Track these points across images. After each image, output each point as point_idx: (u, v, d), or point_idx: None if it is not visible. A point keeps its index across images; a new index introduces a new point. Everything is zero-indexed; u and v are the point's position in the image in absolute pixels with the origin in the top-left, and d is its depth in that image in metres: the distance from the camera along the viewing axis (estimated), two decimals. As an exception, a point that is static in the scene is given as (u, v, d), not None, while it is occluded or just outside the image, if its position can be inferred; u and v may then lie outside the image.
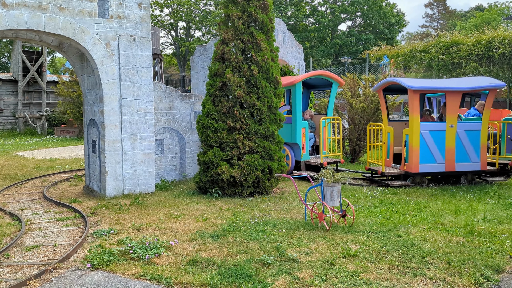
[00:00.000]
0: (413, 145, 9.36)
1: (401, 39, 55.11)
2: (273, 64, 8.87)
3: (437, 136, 9.50)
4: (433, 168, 9.53)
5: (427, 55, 16.70)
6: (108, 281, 4.59)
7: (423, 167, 9.48)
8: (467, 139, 9.57)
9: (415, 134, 9.38)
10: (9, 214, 7.45)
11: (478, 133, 9.61)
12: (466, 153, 9.58)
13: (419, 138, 9.39)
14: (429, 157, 9.49)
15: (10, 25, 7.48)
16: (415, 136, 9.37)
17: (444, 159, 9.50)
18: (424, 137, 9.45)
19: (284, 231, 6.18)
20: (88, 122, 9.59)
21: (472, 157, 9.61)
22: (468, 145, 9.58)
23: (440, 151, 9.51)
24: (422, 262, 4.96)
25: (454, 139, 9.44)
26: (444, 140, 9.51)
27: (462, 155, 9.56)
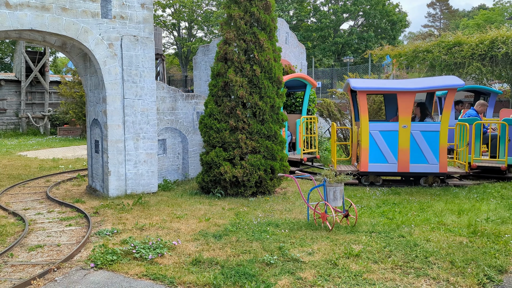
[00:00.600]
0: (362, 144, 9.42)
1: (403, 39, 55.04)
2: (275, 64, 8.87)
3: (388, 136, 9.47)
4: (384, 168, 9.51)
5: (430, 55, 16.67)
6: (112, 280, 4.61)
7: (372, 166, 9.52)
8: (424, 140, 9.40)
9: (364, 133, 9.44)
10: (12, 213, 7.48)
11: (436, 134, 9.39)
12: (423, 154, 9.43)
13: (368, 137, 9.44)
14: (380, 157, 9.51)
15: (13, 25, 7.51)
16: (364, 136, 9.44)
17: (397, 159, 9.43)
18: (374, 137, 9.48)
19: (287, 231, 6.19)
20: (91, 122, 9.61)
21: (429, 158, 9.42)
22: (425, 146, 9.40)
23: (392, 152, 9.47)
24: (425, 262, 4.96)
25: (408, 139, 9.33)
26: (396, 140, 9.43)
27: (418, 156, 9.40)
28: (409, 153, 9.36)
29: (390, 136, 9.45)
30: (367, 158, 9.50)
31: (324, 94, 27.88)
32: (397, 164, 9.46)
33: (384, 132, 9.48)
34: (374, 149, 9.50)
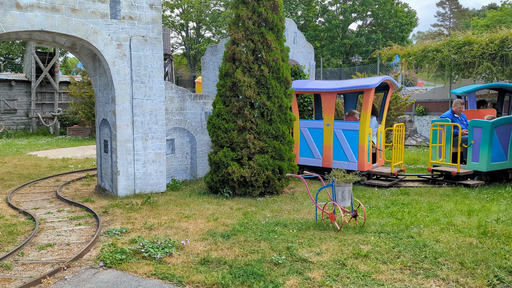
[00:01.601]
0: (294, 140, 10.11)
1: (412, 38, 54.70)
2: (283, 64, 8.86)
3: (315, 133, 10.23)
4: (311, 162, 10.39)
5: (439, 54, 16.55)
6: (121, 279, 4.64)
7: (302, 160, 10.51)
8: (345, 138, 9.88)
9: (295, 130, 10.54)
10: (23, 213, 7.56)
11: (356, 133, 9.77)
12: (343, 152, 9.87)
13: (299, 134, 10.50)
14: (308, 152, 10.36)
15: (24, 26, 7.58)
16: (296, 132, 10.56)
17: (322, 155, 10.12)
18: (303, 133, 10.47)
19: (295, 231, 6.18)
20: (100, 122, 9.68)
21: (349, 156, 9.85)
22: (346, 145, 9.86)
23: (318, 148, 10.17)
24: (435, 263, 4.92)
25: (331, 137, 9.94)
26: (321, 137, 10.10)
27: (339, 153, 9.94)
28: (332, 150, 9.98)
29: (316, 133, 10.21)
30: (297, 152, 10.47)
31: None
32: (321, 160, 10.17)
33: (311, 129, 10.31)
34: (303, 145, 10.52)
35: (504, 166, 9.65)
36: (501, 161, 9.60)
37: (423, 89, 24.31)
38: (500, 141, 9.59)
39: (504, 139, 9.64)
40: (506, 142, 9.64)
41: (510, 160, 9.68)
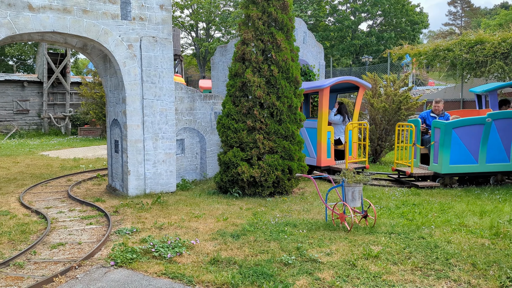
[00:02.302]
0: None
1: (423, 37, 54.24)
2: (293, 64, 8.85)
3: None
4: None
5: (451, 53, 16.38)
6: (131, 278, 4.67)
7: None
8: (307, 136, 10.61)
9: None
10: (35, 212, 7.64)
11: (315, 131, 10.46)
12: (307, 149, 10.62)
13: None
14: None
15: (36, 28, 7.67)
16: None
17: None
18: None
19: (304, 232, 6.17)
20: (111, 123, 9.75)
21: (311, 152, 10.59)
22: (308, 142, 10.60)
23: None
24: (446, 264, 4.88)
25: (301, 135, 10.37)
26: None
27: (306, 150, 10.61)
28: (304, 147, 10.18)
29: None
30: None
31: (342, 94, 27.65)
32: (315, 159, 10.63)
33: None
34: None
35: (473, 169, 9.45)
36: (467, 164, 9.41)
37: (434, 88, 24.10)
38: (465, 143, 9.36)
39: (469, 141, 9.38)
40: (474, 144, 9.38)
41: (481, 164, 9.43)
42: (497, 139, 9.42)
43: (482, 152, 9.38)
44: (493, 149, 9.41)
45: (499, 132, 9.40)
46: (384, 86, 14.51)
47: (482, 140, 9.32)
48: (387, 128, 13.72)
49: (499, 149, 9.45)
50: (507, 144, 9.43)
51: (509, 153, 9.46)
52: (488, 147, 9.39)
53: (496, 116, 9.37)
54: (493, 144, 9.39)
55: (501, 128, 9.40)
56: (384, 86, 14.58)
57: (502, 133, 9.41)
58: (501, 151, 9.47)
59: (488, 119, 9.30)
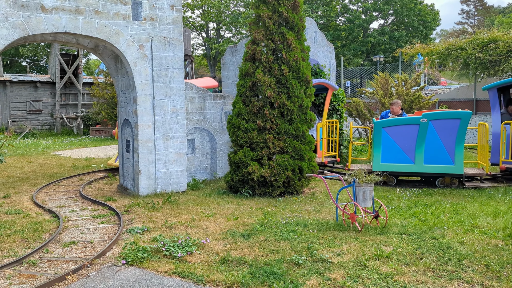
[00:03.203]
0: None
1: (435, 36, 53.72)
2: (303, 63, 8.82)
3: None
4: None
5: (463, 52, 16.20)
6: (142, 277, 4.69)
7: None
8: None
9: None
10: (48, 211, 7.73)
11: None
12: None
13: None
14: None
15: (49, 28, 7.75)
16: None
17: None
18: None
19: (315, 232, 6.14)
20: (122, 122, 9.82)
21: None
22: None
23: None
24: (459, 265, 4.82)
25: None
26: None
27: None
28: None
29: None
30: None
31: (353, 94, 27.56)
32: None
33: None
34: None
35: (409, 169, 9.35)
36: (401, 163, 9.34)
37: (446, 88, 23.84)
38: (398, 142, 9.26)
39: (403, 141, 9.27)
40: (408, 144, 9.24)
41: (418, 165, 9.28)
42: (437, 140, 9.14)
43: (419, 153, 9.22)
44: (432, 150, 9.15)
45: (438, 133, 9.12)
46: (396, 86, 14.40)
47: (417, 140, 9.14)
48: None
49: (440, 150, 9.15)
50: (450, 145, 9.08)
51: (453, 155, 9.11)
52: (425, 148, 9.17)
53: (434, 116, 9.12)
54: (432, 145, 9.13)
55: (441, 129, 9.10)
56: (395, 85, 14.47)
57: (443, 134, 9.09)
58: (443, 152, 9.15)
59: (423, 119, 9.09)
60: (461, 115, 8.96)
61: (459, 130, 8.98)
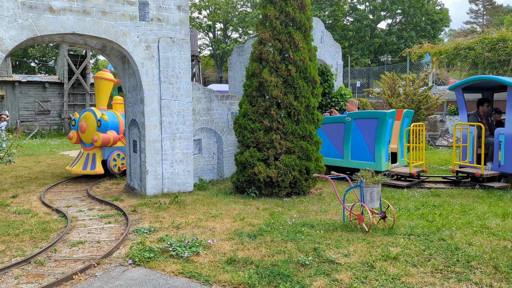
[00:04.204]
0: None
1: (443, 36, 53.33)
2: (310, 63, 8.80)
3: None
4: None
5: (472, 52, 16.06)
6: (149, 277, 4.70)
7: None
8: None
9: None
10: (56, 210, 7.78)
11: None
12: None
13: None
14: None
15: (57, 29, 7.80)
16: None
17: None
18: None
19: (322, 232, 6.12)
20: (129, 123, 9.86)
21: None
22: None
23: None
24: (467, 266, 4.77)
25: None
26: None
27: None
28: None
29: None
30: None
31: (360, 94, 27.46)
32: None
33: None
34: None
35: (340, 164, 10.24)
36: (334, 158, 10.32)
37: (454, 88, 23.61)
38: (331, 139, 10.25)
39: (335, 138, 10.18)
40: (339, 141, 10.10)
41: (346, 160, 10.11)
42: (360, 138, 9.80)
43: (346, 149, 10.07)
44: (357, 147, 9.86)
45: (361, 131, 9.75)
46: (403, 86, 14.32)
47: (344, 137, 10.06)
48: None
49: (363, 147, 9.81)
50: (370, 143, 9.70)
51: (373, 152, 9.69)
52: (351, 145, 10.00)
53: (357, 115, 9.88)
54: (357, 142, 9.86)
55: (363, 128, 9.71)
56: (403, 85, 14.39)
57: (364, 132, 9.73)
58: (365, 150, 9.81)
59: (348, 118, 9.91)
60: (378, 115, 9.61)
61: (377, 129, 9.57)
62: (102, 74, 12.01)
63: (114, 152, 11.40)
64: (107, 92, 12.11)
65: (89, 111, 11.50)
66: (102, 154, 11.32)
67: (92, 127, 11.17)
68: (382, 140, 9.56)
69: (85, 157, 11.18)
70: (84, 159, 11.15)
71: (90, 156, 11.19)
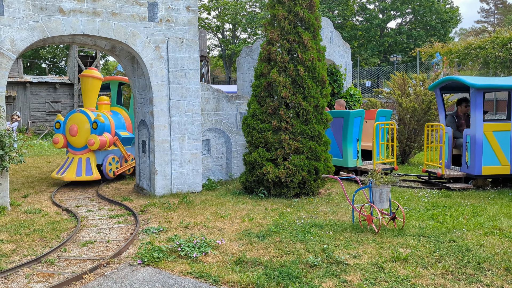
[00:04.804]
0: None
1: (454, 35, 52.83)
2: (319, 63, 8.76)
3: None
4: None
5: (483, 51, 15.89)
6: (158, 277, 4.71)
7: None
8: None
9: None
10: (66, 210, 7.84)
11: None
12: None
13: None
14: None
15: (67, 30, 7.87)
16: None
17: None
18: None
19: (331, 233, 6.09)
20: (138, 123, 9.90)
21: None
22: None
23: None
24: (478, 268, 4.71)
25: None
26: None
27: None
28: None
29: None
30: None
31: (370, 94, 27.31)
32: None
33: None
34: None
35: (339, 163, 10.48)
36: (337, 158, 10.54)
37: (465, 88, 23.39)
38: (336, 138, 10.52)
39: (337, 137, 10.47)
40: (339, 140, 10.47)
41: (344, 159, 10.40)
42: (331, 136, 10.48)
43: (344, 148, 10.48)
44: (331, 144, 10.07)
45: (332, 130, 10.48)
46: (413, 86, 14.21)
47: None
48: (416, 129, 13.43)
49: (334, 145, 10.49)
50: (339, 141, 10.45)
51: (342, 150, 10.44)
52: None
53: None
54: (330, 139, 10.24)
55: (333, 126, 10.41)
56: (413, 85, 14.28)
57: (335, 130, 10.48)
58: (336, 147, 10.54)
59: None
60: (344, 114, 10.33)
61: (343, 127, 10.27)
62: (89, 72, 11.04)
63: (109, 156, 10.68)
64: (96, 92, 11.08)
65: (79, 112, 10.60)
66: (96, 158, 10.54)
67: (84, 130, 10.35)
68: (349, 138, 10.23)
69: (76, 162, 10.29)
70: (76, 164, 10.27)
71: (83, 161, 10.34)
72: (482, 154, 8.88)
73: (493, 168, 8.91)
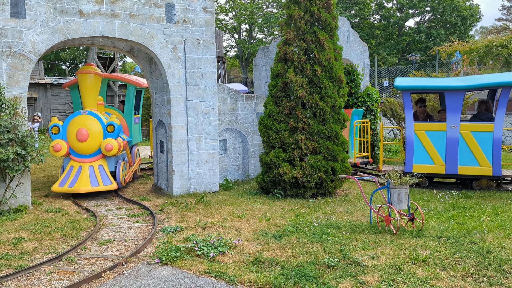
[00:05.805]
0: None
1: (474, 33, 51.85)
2: (336, 63, 8.71)
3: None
4: None
5: (505, 50, 15.56)
6: (176, 276, 4.75)
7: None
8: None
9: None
10: (85, 209, 7.97)
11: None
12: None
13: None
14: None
15: (86, 32, 8.00)
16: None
17: None
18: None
19: (348, 234, 6.05)
20: (156, 123, 10.00)
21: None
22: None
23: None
24: (500, 270, 4.62)
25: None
26: None
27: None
28: None
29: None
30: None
31: (387, 94, 27.01)
32: None
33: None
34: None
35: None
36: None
37: (486, 87, 22.95)
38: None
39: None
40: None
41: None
42: None
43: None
44: None
45: None
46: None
47: None
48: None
49: None
50: None
51: None
52: None
53: None
54: None
55: None
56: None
57: None
58: None
59: None
60: None
61: None
62: (87, 68, 9.50)
63: (120, 162, 9.74)
64: (96, 90, 9.59)
65: (87, 114, 9.27)
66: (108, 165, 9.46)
67: (96, 133, 9.13)
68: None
69: (87, 171, 9.01)
70: (88, 173, 9.00)
71: (95, 169, 9.09)
72: (413, 153, 9.03)
73: (425, 167, 8.96)
